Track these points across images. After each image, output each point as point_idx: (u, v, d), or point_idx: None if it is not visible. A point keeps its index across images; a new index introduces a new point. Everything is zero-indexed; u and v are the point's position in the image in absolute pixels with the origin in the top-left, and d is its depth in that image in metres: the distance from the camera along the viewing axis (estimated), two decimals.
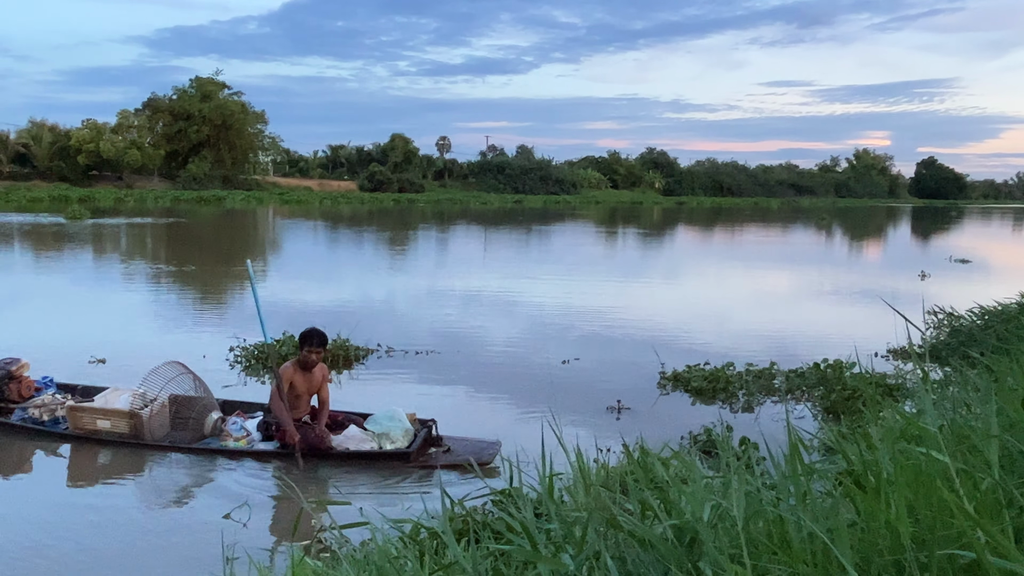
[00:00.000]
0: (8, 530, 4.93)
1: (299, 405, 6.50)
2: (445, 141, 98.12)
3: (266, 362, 8.97)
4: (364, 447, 6.11)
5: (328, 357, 9.20)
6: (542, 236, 35.20)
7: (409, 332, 11.19)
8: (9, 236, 26.88)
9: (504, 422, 7.28)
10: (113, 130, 66.90)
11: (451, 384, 8.78)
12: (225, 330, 10.82)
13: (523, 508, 2.63)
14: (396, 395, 8.25)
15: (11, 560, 4.54)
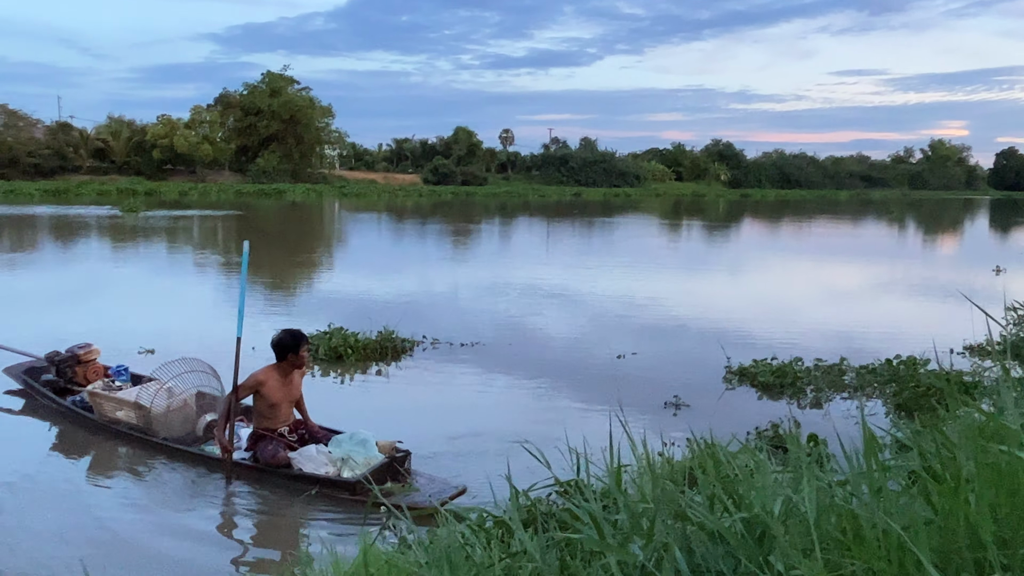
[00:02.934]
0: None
1: (276, 415, 5.86)
2: (508, 134, 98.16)
3: (316, 353, 9.17)
4: (320, 470, 5.44)
5: (377, 348, 9.38)
6: (601, 228, 35.01)
7: (460, 324, 11.25)
8: (62, 228, 27.92)
9: (547, 414, 7.29)
10: (186, 125, 68.75)
11: (493, 376, 8.79)
12: (274, 323, 11.04)
13: (590, 499, 2.64)
14: (435, 388, 8.37)
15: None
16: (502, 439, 6.40)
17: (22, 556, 4.53)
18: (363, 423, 6.85)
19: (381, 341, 9.49)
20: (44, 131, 67.46)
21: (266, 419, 5.84)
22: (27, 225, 29.22)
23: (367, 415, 7.32)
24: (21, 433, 6.86)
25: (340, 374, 8.85)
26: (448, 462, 6.03)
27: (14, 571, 4.35)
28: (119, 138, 69.34)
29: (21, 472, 5.78)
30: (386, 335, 9.62)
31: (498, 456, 5.71)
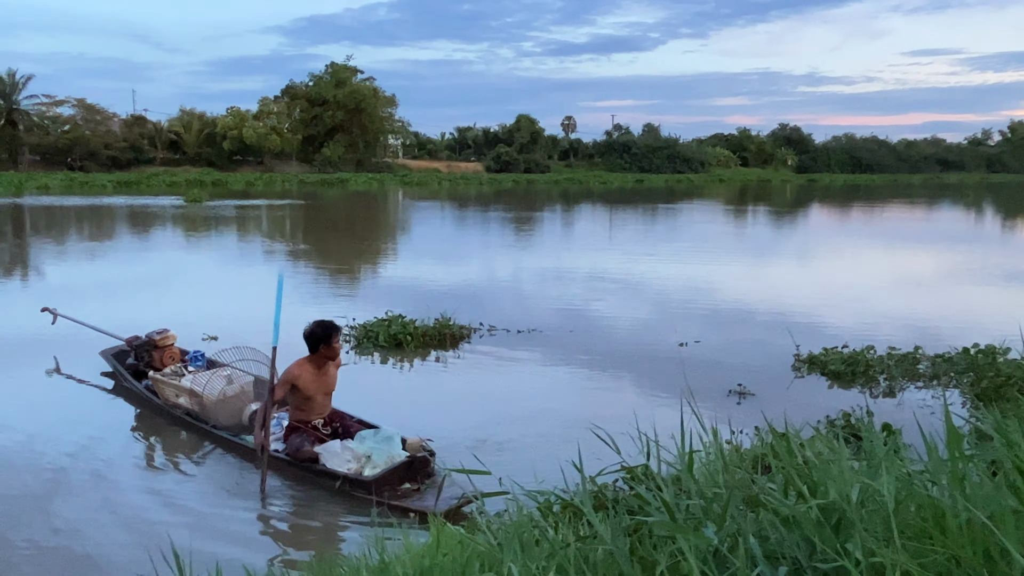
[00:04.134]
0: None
1: (311, 407, 5.83)
2: (570, 121, 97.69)
3: (376, 340, 9.32)
4: (342, 467, 5.37)
5: (435, 335, 9.46)
6: (664, 215, 34.64)
7: (519, 312, 11.28)
8: (128, 218, 28.92)
9: (606, 401, 7.28)
10: (255, 117, 70.20)
11: (552, 363, 8.78)
12: (334, 310, 11.21)
13: (661, 485, 2.63)
14: (493, 374, 8.43)
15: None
16: (561, 425, 6.44)
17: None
18: (421, 410, 6.99)
19: (439, 328, 9.56)
20: (120, 124, 69.69)
21: (300, 411, 5.82)
22: (97, 215, 30.40)
23: (425, 402, 7.44)
24: (97, 411, 7.12)
25: (400, 361, 8.95)
26: (504, 449, 6.05)
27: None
28: (191, 130, 71.22)
29: (81, 447, 6.07)
30: (443, 322, 9.69)
31: (560, 442, 5.74)
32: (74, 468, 5.71)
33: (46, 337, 9.20)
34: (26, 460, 5.84)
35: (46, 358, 8.63)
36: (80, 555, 4.49)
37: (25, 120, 65.30)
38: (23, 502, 5.15)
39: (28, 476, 5.58)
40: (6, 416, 6.77)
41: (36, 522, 4.88)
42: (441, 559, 2.52)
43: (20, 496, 5.25)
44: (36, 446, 6.09)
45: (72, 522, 4.89)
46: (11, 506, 5.09)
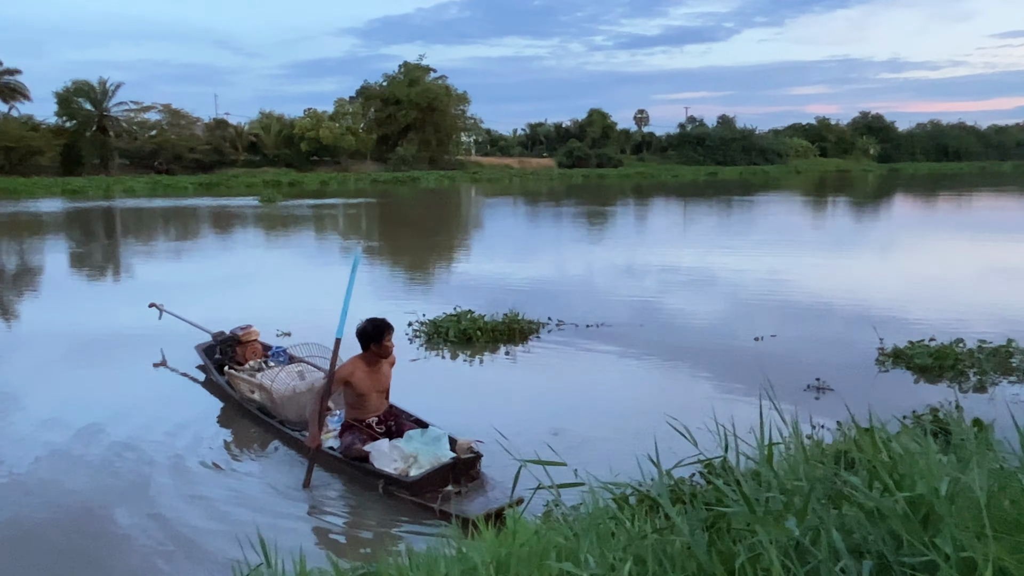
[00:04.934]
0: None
1: (365, 405, 5.78)
2: (643, 114, 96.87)
3: (446, 336, 9.39)
4: (388, 466, 5.31)
5: (504, 330, 9.47)
6: (740, 207, 33.99)
7: (589, 306, 11.19)
8: (206, 219, 29.94)
9: (678, 396, 7.18)
10: (331, 118, 71.65)
11: (621, 357, 8.70)
12: (403, 306, 11.34)
13: (739, 478, 2.60)
14: (561, 369, 8.39)
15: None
16: (635, 419, 6.37)
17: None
18: (491, 405, 7.04)
19: (508, 323, 9.59)
20: (203, 128, 72.03)
21: (354, 409, 5.79)
22: (178, 216, 31.55)
23: (496, 397, 7.48)
24: (187, 403, 7.34)
25: (470, 356, 9.01)
26: (577, 442, 6.01)
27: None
28: (270, 132, 73.14)
29: (166, 435, 6.33)
30: (511, 317, 9.71)
31: (634, 436, 5.65)
32: (156, 457, 5.94)
33: (155, 331, 9.52)
34: (117, 449, 6.10)
35: (154, 351, 8.97)
36: (158, 545, 4.66)
37: (115, 126, 68.10)
38: (109, 491, 5.39)
39: (118, 463, 5.83)
40: (112, 404, 7.09)
41: (124, 509, 5.10)
42: (518, 549, 2.54)
43: (105, 485, 5.49)
44: (129, 434, 6.34)
45: (151, 510, 5.09)
46: (98, 495, 5.32)
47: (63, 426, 6.57)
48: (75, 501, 5.24)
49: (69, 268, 17.69)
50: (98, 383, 8.06)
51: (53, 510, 5.12)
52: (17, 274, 16.89)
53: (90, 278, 16.23)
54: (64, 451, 6.10)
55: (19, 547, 4.65)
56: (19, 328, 11.44)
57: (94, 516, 5.03)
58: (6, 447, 6.17)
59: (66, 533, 4.82)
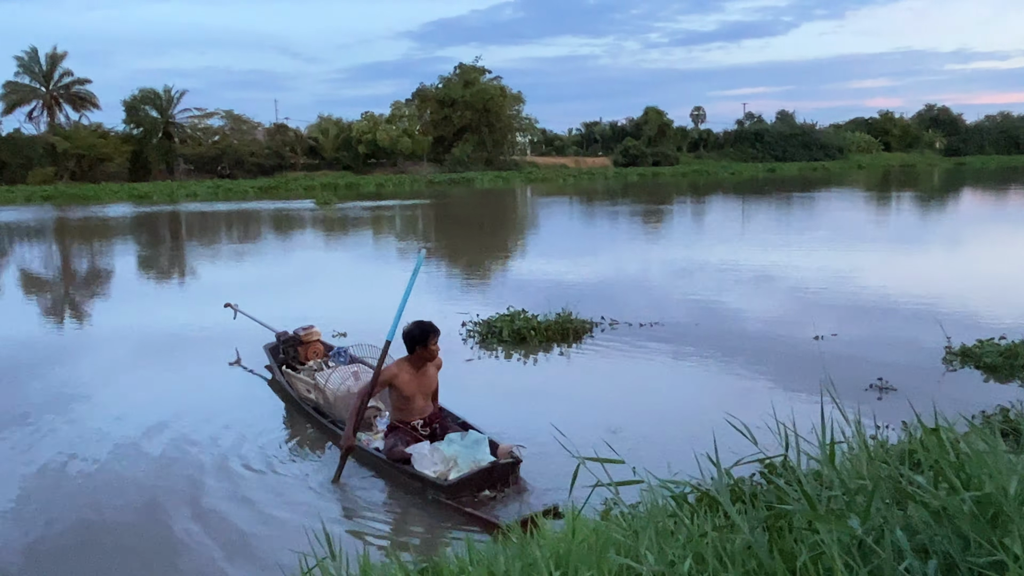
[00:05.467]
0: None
1: (410, 408, 5.80)
2: (700, 111, 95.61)
3: (500, 335, 9.42)
4: (428, 469, 5.30)
5: (558, 330, 9.45)
6: (800, 204, 33.36)
7: (644, 305, 11.14)
8: (263, 221, 30.57)
9: (733, 395, 7.08)
10: (387, 120, 72.42)
11: (676, 356, 8.64)
12: (457, 306, 11.42)
13: (800, 477, 2.58)
14: (615, 368, 8.37)
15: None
16: (691, 418, 6.36)
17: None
18: (547, 404, 7.03)
19: (561, 323, 9.57)
20: (264, 133, 73.51)
21: (400, 411, 5.84)
22: (238, 219, 32.33)
23: (551, 396, 7.47)
24: (253, 401, 7.53)
25: (524, 356, 9.03)
26: (634, 440, 5.99)
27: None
28: (328, 136, 74.26)
29: (227, 433, 6.50)
30: (565, 317, 9.69)
31: (691, 434, 5.60)
32: (215, 455, 6.11)
33: (228, 330, 9.72)
34: (182, 445, 6.30)
35: (225, 351, 9.21)
36: (216, 542, 4.80)
37: (179, 132, 70.01)
38: (172, 487, 5.57)
39: (182, 460, 6.01)
40: (183, 402, 7.32)
41: (186, 506, 5.27)
42: (577, 546, 2.55)
43: (168, 482, 5.66)
44: (195, 431, 6.54)
45: (210, 506, 5.25)
46: (162, 491, 5.51)
47: (134, 423, 6.80)
48: (141, 497, 5.42)
49: (140, 270, 18.27)
50: (171, 382, 8.30)
51: (120, 506, 5.31)
52: (93, 276, 17.51)
53: (159, 279, 16.73)
54: (133, 447, 6.31)
55: (89, 542, 4.83)
56: (94, 329, 11.85)
57: (158, 512, 5.20)
58: (78, 443, 6.41)
59: (133, 529, 4.99)
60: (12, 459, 6.12)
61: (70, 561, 4.61)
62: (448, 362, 8.46)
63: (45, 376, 8.56)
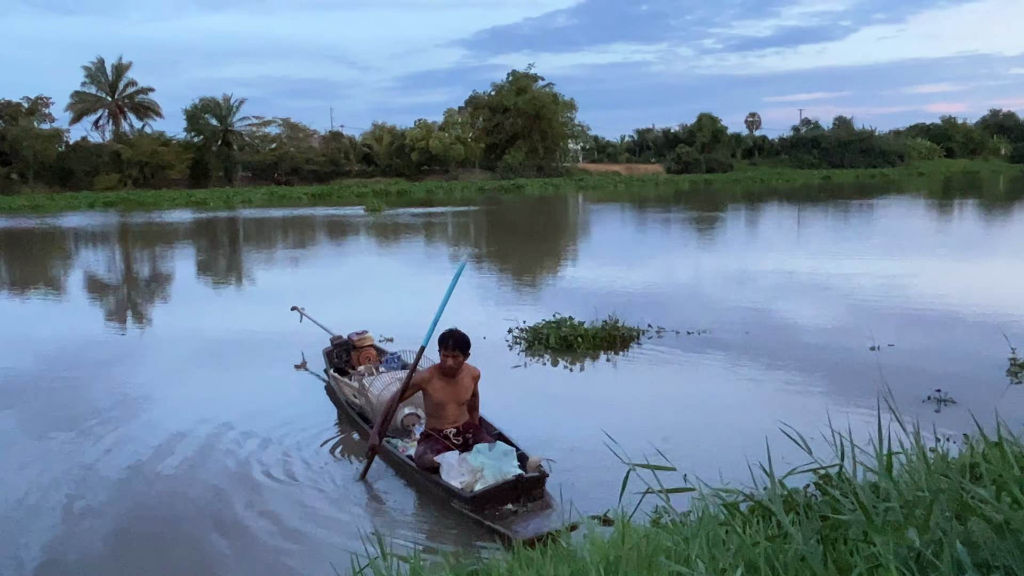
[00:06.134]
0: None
1: (442, 415, 5.76)
2: (755, 118, 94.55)
3: (547, 342, 9.40)
4: (454, 480, 5.24)
5: (605, 337, 9.38)
6: (857, 212, 32.66)
7: (694, 313, 11.00)
8: (313, 227, 31.21)
9: (784, 405, 6.92)
10: (440, 128, 73.07)
11: (724, 365, 8.52)
12: (503, 311, 11.44)
13: (856, 489, 2.53)
14: (663, 376, 8.32)
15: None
16: (741, 427, 6.27)
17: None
18: (595, 411, 6.95)
19: (608, 330, 9.51)
20: (320, 140, 74.79)
21: (433, 419, 5.81)
22: (291, 225, 32.96)
23: (599, 403, 7.41)
24: (309, 404, 7.63)
25: (571, 363, 8.98)
26: (684, 448, 5.89)
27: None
28: (382, 143, 75.25)
29: (276, 436, 6.57)
30: (611, 324, 9.63)
31: (742, 444, 5.47)
32: (267, 453, 6.23)
33: (291, 334, 9.82)
34: (237, 446, 6.42)
35: (287, 354, 9.32)
36: (267, 542, 4.89)
37: (238, 140, 71.59)
38: (226, 487, 5.68)
39: (234, 461, 6.13)
40: (243, 404, 7.46)
41: (236, 505, 5.39)
42: (627, 552, 2.55)
43: (221, 482, 5.78)
44: (250, 433, 6.65)
45: (262, 507, 5.34)
46: (217, 490, 5.63)
47: (195, 422, 6.94)
48: (199, 495, 5.55)
49: (200, 274, 18.71)
50: (234, 384, 8.47)
51: (178, 505, 5.43)
52: (155, 280, 17.99)
53: (219, 283, 17.12)
54: (195, 447, 6.44)
55: (147, 541, 4.94)
56: (156, 331, 12.15)
57: (216, 505, 5.34)
58: (138, 442, 6.58)
59: (194, 526, 5.10)
60: (72, 457, 6.30)
61: (132, 551, 4.75)
62: (495, 368, 8.52)
63: (108, 377, 8.80)
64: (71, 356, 9.87)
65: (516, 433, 6.03)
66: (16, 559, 4.68)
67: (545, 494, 5.20)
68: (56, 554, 4.76)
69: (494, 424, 6.14)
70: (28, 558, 4.70)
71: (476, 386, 5.93)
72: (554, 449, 6.02)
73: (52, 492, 5.61)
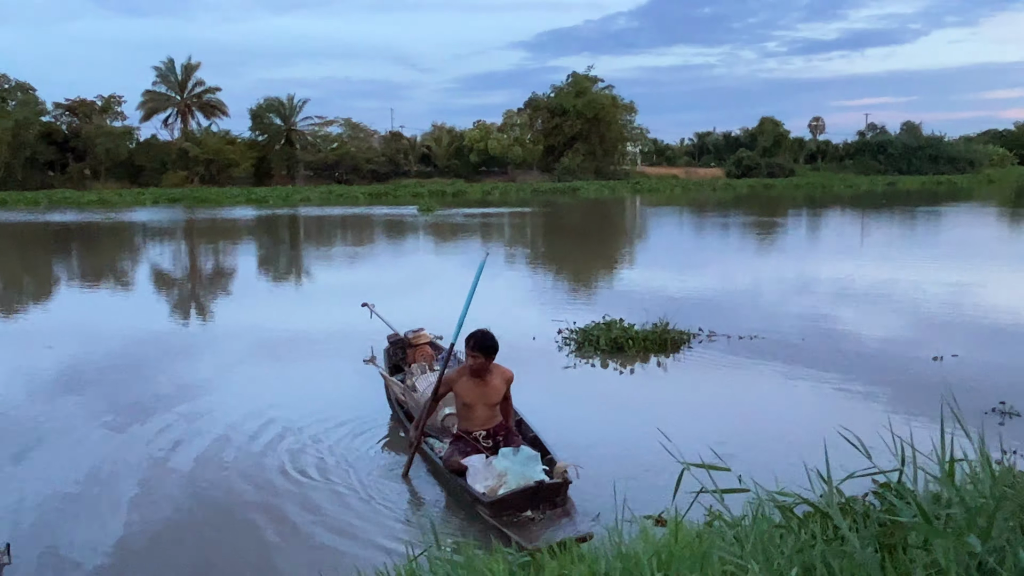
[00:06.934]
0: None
1: (471, 417, 5.69)
2: (819, 122, 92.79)
3: (597, 344, 9.35)
4: (479, 483, 5.16)
5: (656, 340, 9.28)
6: (924, 219, 31.78)
7: (743, 318, 10.84)
8: (366, 226, 31.86)
9: (838, 410, 6.79)
10: (499, 129, 73.39)
11: (779, 371, 8.40)
12: (553, 312, 11.43)
13: (917, 494, 2.49)
14: (712, 379, 8.23)
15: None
16: (796, 432, 6.22)
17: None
18: (646, 414, 6.92)
19: (659, 333, 9.44)
20: (380, 141, 75.78)
21: (463, 420, 5.75)
22: (346, 224, 33.58)
23: (650, 406, 7.38)
24: (369, 400, 7.74)
25: (621, 365, 8.93)
26: (737, 451, 5.80)
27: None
28: (441, 144, 75.90)
29: (333, 431, 6.66)
30: (661, 327, 9.54)
31: (796, 449, 5.41)
32: (317, 451, 6.31)
33: (359, 329, 9.71)
34: (285, 441, 6.53)
35: (358, 348, 9.35)
36: (312, 535, 4.98)
37: (301, 139, 72.99)
38: (277, 482, 5.80)
39: (283, 454, 6.25)
40: (296, 399, 7.60)
41: (287, 497, 5.51)
42: (680, 551, 2.54)
43: (272, 477, 5.90)
44: (303, 427, 6.77)
45: (315, 501, 5.43)
46: (267, 485, 5.75)
47: (251, 416, 7.11)
48: (253, 485, 5.68)
49: (263, 270, 19.14)
50: (292, 378, 8.60)
51: (233, 493, 5.57)
52: (223, 275, 18.47)
53: (283, 279, 17.50)
54: (251, 438, 6.59)
55: (204, 526, 5.08)
56: (219, 325, 12.51)
57: (264, 501, 5.44)
58: (203, 432, 6.77)
59: (247, 514, 5.23)
60: (136, 445, 6.50)
61: (190, 534, 4.91)
62: (544, 369, 8.58)
63: (172, 368, 9.06)
64: (137, 349, 10.15)
65: (564, 435, 6.03)
66: (89, 539, 4.86)
67: (567, 502, 5.07)
68: (123, 533, 4.93)
69: (532, 426, 6.06)
70: (100, 537, 4.88)
71: (508, 389, 5.82)
72: (604, 449, 6.04)
73: (119, 477, 5.81)
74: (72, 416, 7.26)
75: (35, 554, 4.64)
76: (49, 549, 4.73)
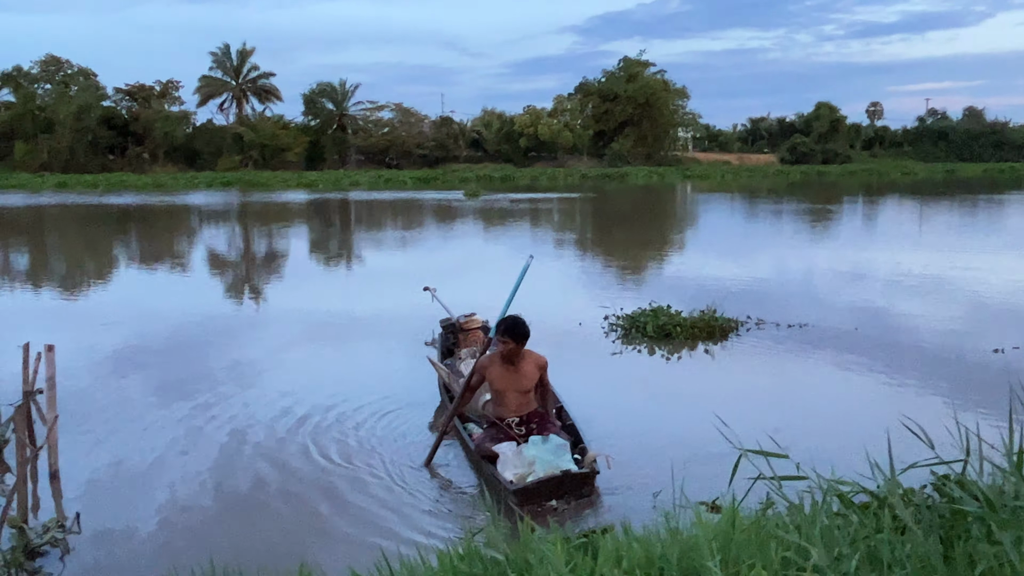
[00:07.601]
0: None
1: (504, 403, 5.67)
2: (877, 107, 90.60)
3: (644, 331, 9.28)
4: (508, 471, 5.11)
5: (704, 327, 9.19)
6: (986, 207, 30.85)
7: (793, 306, 10.67)
8: (412, 210, 32.16)
9: (893, 400, 6.68)
10: (549, 114, 73.18)
11: (825, 360, 8.27)
12: (599, 298, 11.38)
13: (982, 485, 2.45)
14: (761, 367, 8.13)
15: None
16: (850, 422, 6.13)
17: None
18: (694, 402, 6.87)
19: (707, 320, 9.34)
20: (430, 126, 76.11)
21: (496, 406, 5.74)
22: (393, 208, 33.99)
23: (701, 393, 7.30)
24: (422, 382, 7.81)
25: (669, 352, 8.87)
26: (793, 438, 5.72)
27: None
28: (491, 129, 75.97)
29: (364, 416, 6.68)
30: (708, 314, 9.44)
31: (852, 440, 5.32)
32: (365, 432, 6.34)
33: (417, 313, 9.65)
34: (333, 420, 6.59)
35: (418, 330, 9.30)
36: (362, 516, 5.00)
37: (352, 124, 73.71)
38: (319, 461, 5.85)
39: (333, 431, 6.32)
40: (348, 380, 7.71)
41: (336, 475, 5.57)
42: (738, 536, 2.54)
43: (316, 458, 5.94)
44: (346, 411, 6.82)
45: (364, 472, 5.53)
46: (311, 463, 5.82)
47: (303, 396, 7.18)
48: (299, 464, 5.74)
49: (314, 253, 19.40)
50: (345, 360, 8.72)
51: (280, 471, 5.65)
52: (276, 257, 18.80)
53: (330, 262, 17.73)
54: (300, 419, 6.65)
55: (250, 514, 5.11)
56: (271, 307, 12.74)
57: (311, 479, 5.51)
58: (253, 412, 6.89)
59: (293, 492, 5.31)
60: (189, 422, 6.63)
61: (239, 507, 5.03)
62: (592, 355, 8.59)
63: (227, 348, 9.26)
64: (192, 330, 10.36)
65: (610, 422, 6.00)
66: (143, 510, 5.01)
67: (594, 492, 5.05)
68: (176, 505, 5.08)
69: (570, 413, 6.00)
70: (153, 508, 5.03)
71: (545, 375, 5.81)
72: (652, 438, 6.00)
73: (175, 454, 5.95)
74: (129, 393, 7.45)
75: (99, 527, 4.78)
76: (109, 522, 4.86)
